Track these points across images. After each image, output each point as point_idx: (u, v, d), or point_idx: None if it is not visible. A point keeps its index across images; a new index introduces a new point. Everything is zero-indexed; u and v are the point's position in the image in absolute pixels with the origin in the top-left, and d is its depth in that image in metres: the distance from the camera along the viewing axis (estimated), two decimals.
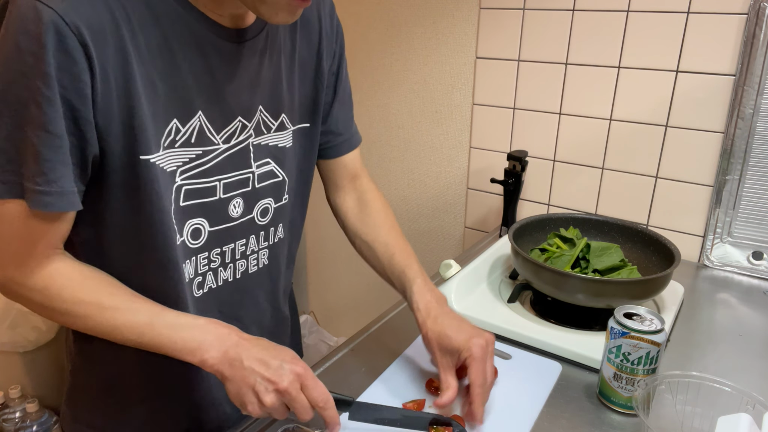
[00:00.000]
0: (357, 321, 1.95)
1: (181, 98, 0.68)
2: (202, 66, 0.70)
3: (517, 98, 1.44)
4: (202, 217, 0.74)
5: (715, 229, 1.24)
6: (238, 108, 0.75)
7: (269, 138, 0.80)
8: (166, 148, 0.68)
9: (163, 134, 0.67)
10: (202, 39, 0.69)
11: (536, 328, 0.97)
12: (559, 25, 1.33)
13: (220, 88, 0.72)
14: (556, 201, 1.45)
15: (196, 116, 0.70)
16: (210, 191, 0.74)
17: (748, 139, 1.16)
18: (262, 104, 0.78)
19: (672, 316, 1.01)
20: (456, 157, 1.60)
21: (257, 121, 0.78)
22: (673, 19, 1.20)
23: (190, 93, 0.69)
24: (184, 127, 0.69)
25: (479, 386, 0.74)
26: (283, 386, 0.66)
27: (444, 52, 1.53)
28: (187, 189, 0.72)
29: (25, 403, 1.81)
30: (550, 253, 1.09)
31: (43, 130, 0.59)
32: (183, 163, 0.70)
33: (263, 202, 0.82)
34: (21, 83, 0.58)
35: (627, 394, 0.78)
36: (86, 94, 0.60)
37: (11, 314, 1.77)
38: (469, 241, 1.64)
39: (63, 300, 0.67)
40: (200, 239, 0.75)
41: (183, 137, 0.69)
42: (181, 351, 0.67)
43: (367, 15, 1.63)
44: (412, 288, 0.83)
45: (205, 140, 0.72)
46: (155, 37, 0.65)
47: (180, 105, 0.68)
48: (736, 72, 1.15)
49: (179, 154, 0.69)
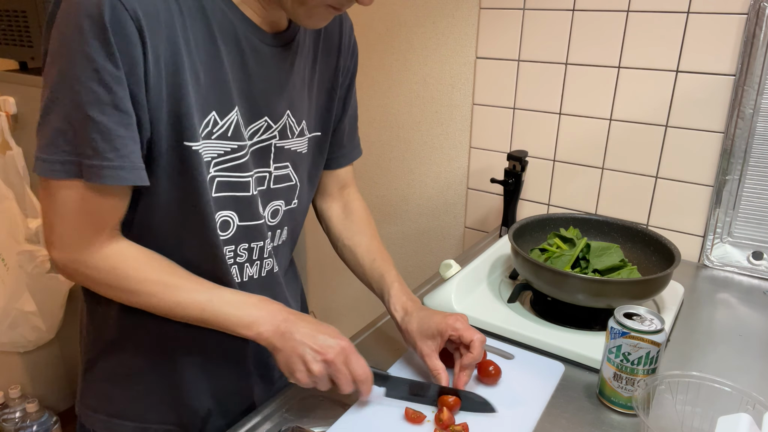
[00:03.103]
0: (357, 321, 1.95)
1: (221, 92, 0.71)
2: (240, 64, 0.73)
3: (517, 98, 1.44)
4: (232, 210, 0.77)
5: (715, 229, 1.24)
6: (266, 108, 0.77)
7: (291, 143, 0.83)
8: (203, 138, 0.70)
9: (202, 124, 0.70)
10: (242, 39, 0.72)
11: (536, 328, 0.97)
12: (559, 25, 1.33)
13: (253, 88, 0.75)
14: (556, 201, 1.45)
15: (234, 111, 0.73)
16: (242, 186, 0.77)
17: (748, 139, 1.16)
18: (290, 109, 0.81)
19: (672, 316, 1.01)
20: (456, 157, 1.60)
21: (284, 124, 0.81)
22: (673, 19, 1.20)
23: (229, 88, 0.72)
24: (222, 120, 0.72)
25: (477, 340, 0.79)
26: (330, 357, 0.71)
27: (444, 52, 1.53)
28: (220, 181, 0.74)
29: (25, 403, 1.81)
30: (550, 253, 1.09)
31: (113, 108, 0.62)
32: (218, 155, 0.73)
33: (275, 203, 0.84)
34: (84, 64, 0.60)
35: (627, 394, 0.78)
36: (141, 78, 0.63)
37: (11, 314, 1.77)
38: (469, 241, 1.64)
39: (130, 279, 0.70)
40: (229, 230, 0.78)
41: (220, 130, 0.72)
42: (237, 326, 0.72)
43: (367, 15, 1.63)
44: (390, 291, 0.88)
45: (239, 135, 0.74)
46: (203, 31, 0.68)
47: (219, 98, 0.71)
48: (736, 72, 1.15)
49: (215, 146, 0.72)
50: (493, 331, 0.98)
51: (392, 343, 0.95)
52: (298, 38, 0.80)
